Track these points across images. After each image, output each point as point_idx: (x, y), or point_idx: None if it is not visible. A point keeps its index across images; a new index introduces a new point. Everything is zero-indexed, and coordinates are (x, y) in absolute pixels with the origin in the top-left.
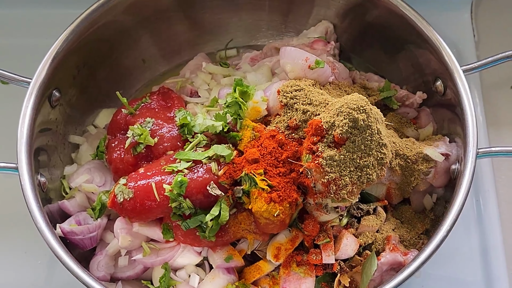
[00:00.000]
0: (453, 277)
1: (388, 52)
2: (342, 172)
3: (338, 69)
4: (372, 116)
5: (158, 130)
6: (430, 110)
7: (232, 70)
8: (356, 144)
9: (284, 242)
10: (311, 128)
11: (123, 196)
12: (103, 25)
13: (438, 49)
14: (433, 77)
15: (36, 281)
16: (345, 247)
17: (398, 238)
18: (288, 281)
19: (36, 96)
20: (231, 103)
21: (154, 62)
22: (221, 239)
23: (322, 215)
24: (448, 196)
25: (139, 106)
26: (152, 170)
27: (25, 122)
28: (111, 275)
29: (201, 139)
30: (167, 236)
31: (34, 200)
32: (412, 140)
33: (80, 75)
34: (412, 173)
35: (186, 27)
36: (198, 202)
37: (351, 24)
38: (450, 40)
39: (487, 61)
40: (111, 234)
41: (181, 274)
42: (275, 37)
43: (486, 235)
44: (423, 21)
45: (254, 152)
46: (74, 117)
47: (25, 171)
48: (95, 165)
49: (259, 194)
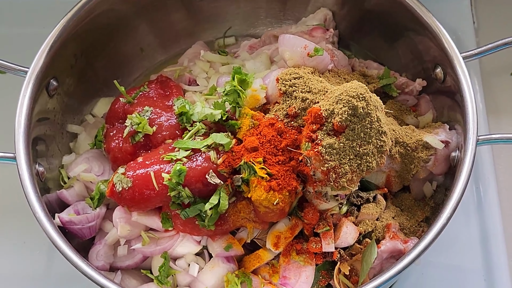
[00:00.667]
0: (453, 265)
1: (387, 39)
2: (341, 160)
3: (337, 57)
4: (371, 104)
5: (156, 119)
6: (429, 97)
7: (230, 58)
8: (356, 132)
9: (284, 230)
10: (310, 116)
11: (122, 185)
12: (101, 14)
13: (437, 35)
14: (433, 64)
15: (35, 271)
16: (345, 235)
17: (398, 226)
18: (288, 269)
19: (34, 85)
20: (230, 91)
21: (152, 51)
22: (221, 228)
23: (321, 203)
24: (448, 184)
25: (137, 94)
26: (150, 159)
27: (23, 111)
28: (110, 264)
29: (199, 128)
30: (166, 225)
31: (33, 189)
32: (412, 128)
33: (78, 64)
34: (412, 160)
35: (184, 15)
36: (197, 191)
37: (350, 11)
38: (450, 27)
39: (487, 48)
40: (110, 223)
41: (180, 263)
42: (274, 24)
43: (486, 222)
44: (422, 7)
45: (253, 140)
46: (72, 106)
47: (23, 161)
48: (93, 154)
49: (258, 183)
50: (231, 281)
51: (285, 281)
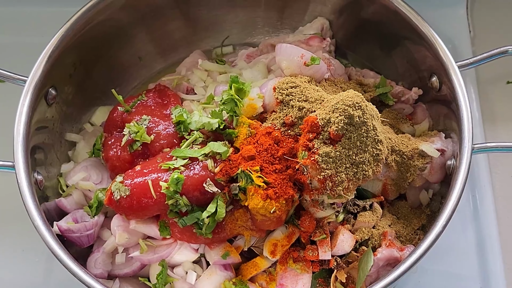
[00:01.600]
0: (449, 272)
1: (383, 49)
2: (338, 168)
3: (334, 66)
4: (367, 113)
5: (154, 128)
6: (425, 106)
7: (228, 67)
8: (352, 140)
9: (281, 238)
10: (307, 125)
11: (120, 193)
12: (99, 23)
13: (433, 45)
14: (429, 73)
15: (34, 279)
16: (342, 243)
17: (395, 233)
18: (285, 277)
19: (32, 94)
20: (227, 100)
21: (150, 60)
22: (218, 236)
23: (318, 211)
24: (444, 192)
25: (135, 103)
26: (148, 167)
27: (22, 120)
28: (108, 272)
29: (197, 136)
30: (164, 233)
31: (31, 198)
32: (408, 136)
33: (77, 73)
34: (408, 169)
35: (182, 24)
36: (194, 199)
37: (347, 20)
38: (446, 36)
39: (483, 57)
40: (108, 231)
41: (178, 271)
42: (271, 34)
43: (482, 230)
44: (418, 17)
45: (250, 149)
46: (70, 115)
47: (22, 169)
48: (91, 163)
49: (255, 191)
50: None
51: None
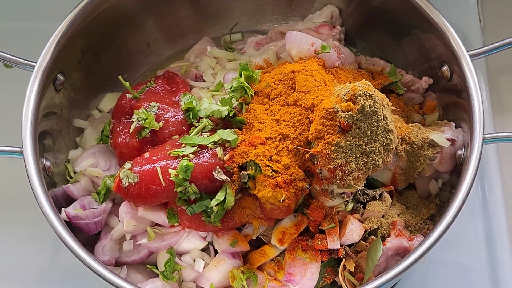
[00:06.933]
0: (458, 263)
1: (394, 37)
2: (348, 158)
3: (344, 54)
4: (378, 102)
5: (163, 115)
6: (436, 95)
7: (237, 55)
8: (362, 130)
9: (289, 226)
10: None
11: (128, 180)
12: (108, 9)
13: (444, 34)
14: (439, 62)
15: (41, 265)
16: (350, 232)
17: (404, 223)
18: (294, 266)
19: (41, 80)
20: (237, 88)
21: (158, 46)
22: (226, 224)
23: (327, 200)
24: (454, 182)
25: (144, 90)
26: (157, 154)
27: (30, 106)
28: (116, 259)
29: (206, 124)
30: (172, 221)
31: (39, 184)
32: (418, 126)
33: (85, 59)
34: (417, 158)
35: (191, 11)
36: (203, 187)
37: (357, 8)
38: (456, 25)
39: (494, 47)
40: (116, 218)
41: (186, 258)
42: (280, 21)
43: (491, 220)
44: (429, 5)
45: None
46: (78, 101)
47: (30, 155)
48: (99, 149)
49: (264, 180)
50: (237, 277)
51: (290, 277)
